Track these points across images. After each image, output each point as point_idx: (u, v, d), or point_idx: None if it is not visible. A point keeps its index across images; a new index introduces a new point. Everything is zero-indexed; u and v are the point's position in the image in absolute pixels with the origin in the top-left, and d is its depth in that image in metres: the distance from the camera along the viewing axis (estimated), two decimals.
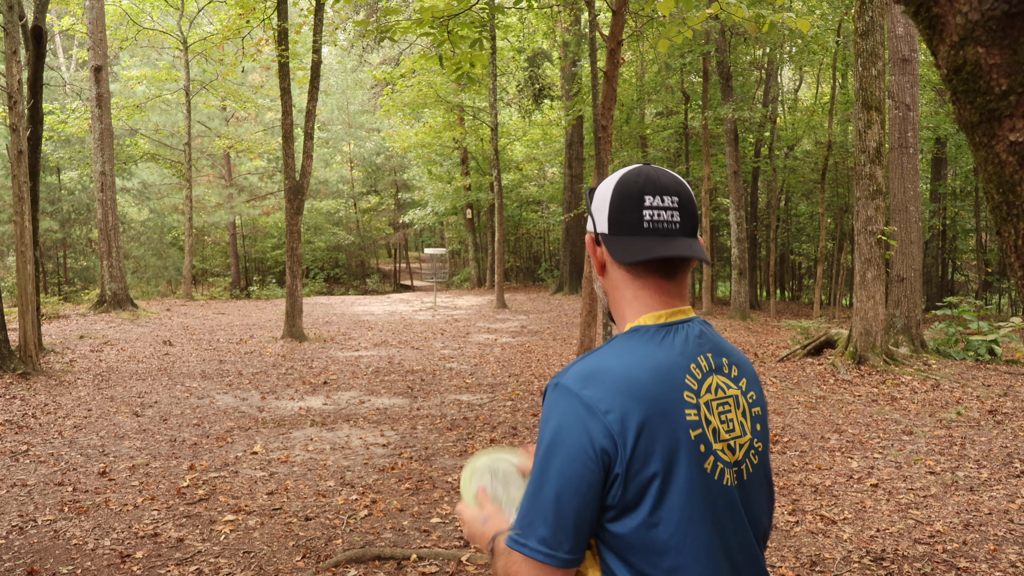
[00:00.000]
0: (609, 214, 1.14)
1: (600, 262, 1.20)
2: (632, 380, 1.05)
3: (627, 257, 1.11)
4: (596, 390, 1.04)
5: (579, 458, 1.02)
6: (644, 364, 1.07)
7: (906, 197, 10.41)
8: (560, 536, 1.02)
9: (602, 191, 1.18)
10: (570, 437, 1.03)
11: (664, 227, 1.12)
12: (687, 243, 1.12)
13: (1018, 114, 0.89)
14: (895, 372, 8.67)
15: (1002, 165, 0.94)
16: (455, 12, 7.22)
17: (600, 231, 1.16)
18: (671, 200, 1.12)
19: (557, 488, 1.02)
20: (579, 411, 1.03)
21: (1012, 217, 0.95)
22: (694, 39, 16.33)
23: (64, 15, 22.02)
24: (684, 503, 1.04)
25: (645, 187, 1.13)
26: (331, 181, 31.76)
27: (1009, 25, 0.86)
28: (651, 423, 1.03)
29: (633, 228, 1.12)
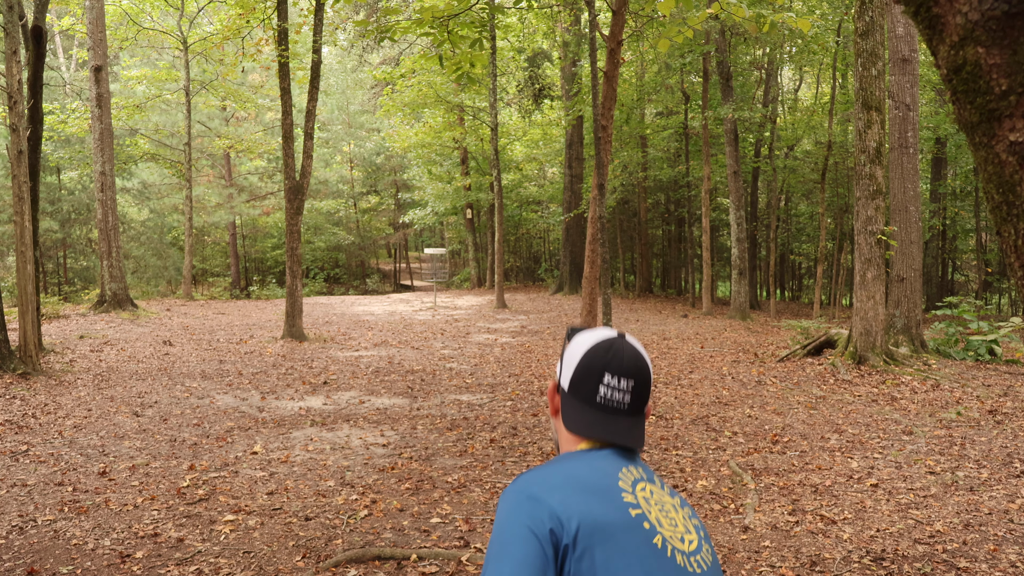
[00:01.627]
0: (572, 377, 1.27)
1: (555, 408, 1.32)
2: (572, 476, 1.17)
3: (572, 427, 1.24)
4: (541, 487, 1.14)
5: (530, 541, 1.09)
6: (580, 466, 1.19)
7: (906, 197, 10.41)
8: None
9: (576, 347, 1.30)
10: (520, 527, 1.11)
11: (614, 406, 1.24)
12: (629, 424, 1.24)
13: (1018, 114, 0.89)
14: (895, 372, 8.67)
15: (1002, 165, 0.94)
16: (455, 12, 7.22)
17: (562, 385, 1.29)
18: (627, 383, 1.24)
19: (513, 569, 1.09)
20: (526, 504, 1.12)
21: (1012, 217, 0.95)
22: (694, 39, 16.33)
23: (64, 15, 22.02)
24: (627, 565, 1.11)
25: (608, 365, 1.24)
26: (331, 181, 31.76)
27: (1009, 25, 0.86)
28: (593, 502, 1.13)
29: (587, 399, 1.25)
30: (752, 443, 6.04)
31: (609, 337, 1.28)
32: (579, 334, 1.32)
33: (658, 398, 7.88)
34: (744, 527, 4.18)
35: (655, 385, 8.61)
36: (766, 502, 4.60)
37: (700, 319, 16.97)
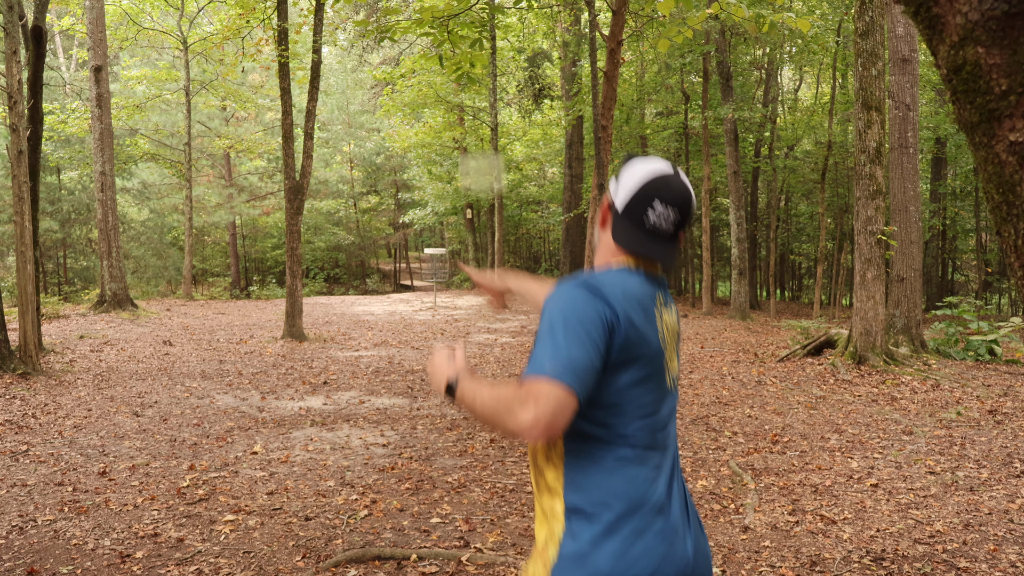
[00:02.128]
0: (628, 200, 1.45)
1: (604, 218, 1.53)
2: (629, 291, 1.39)
3: (621, 242, 1.45)
4: (606, 290, 1.36)
5: (594, 321, 1.32)
6: (635, 285, 1.41)
7: (906, 197, 10.41)
8: (579, 372, 1.27)
9: (634, 173, 1.47)
10: (583, 308, 1.32)
11: (659, 230, 1.44)
12: (668, 248, 1.45)
13: (1018, 114, 0.89)
14: (895, 372, 8.67)
15: (1002, 165, 0.94)
16: (455, 12, 7.22)
17: (616, 205, 1.48)
18: (674, 212, 1.43)
19: (579, 337, 1.30)
20: (592, 298, 1.33)
21: (1012, 217, 0.95)
22: (694, 39, 16.33)
23: (64, 15, 22.02)
24: (649, 380, 1.39)
25: (660, 194, 1.42)
26: (331, 181, 31.75)
27: (1009, 25, 0.86)
28: (637, 321, 1.37)
29: (637, 221, 1.44)
30: (752, 443, 6.04)
31: (664, 170, 1.45)
32: (636, 160, 1.49)
33: None
34: (744, 527, 4.18)
35: None
36: (766, 502, 4.60)
37: (700, 319, 16.97)
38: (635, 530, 1.33)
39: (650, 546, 1.33)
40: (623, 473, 1.36)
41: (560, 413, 1.23)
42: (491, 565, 3.68)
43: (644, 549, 1.32)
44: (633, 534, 1.33)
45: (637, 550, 1.32)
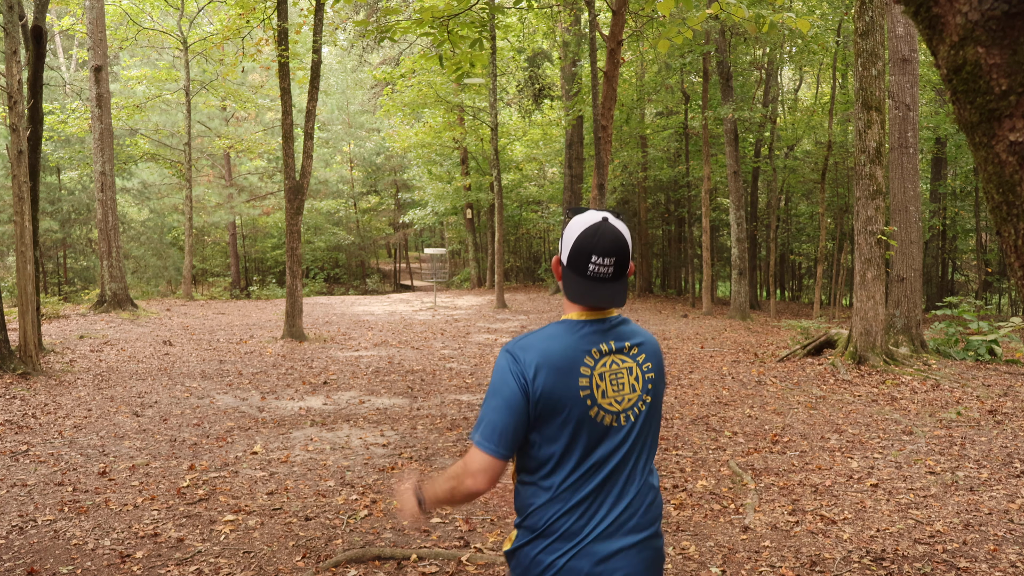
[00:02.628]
0: (568, 255, 1.68)
1: (558, 275, 1.76)
2: (547, 353, 1.64)
3: (569, 294, 1.69)
4: (526, 355, 1.64)
5: (510, 391, 1.63)
6: (559, 345, 1.66)
7: (906, 197, 10.41)
8: (497, 437, 1.64)
9: (571, 230, 1.69)
10: (505, 378, 1.64)
11: (600, 276, 1.66)
12: (612, 290, 1.67)
13: (1018, 114, 0.89)
14: (895, 372, 8.67)
15: (1002, 165, 0.93)
16: (455, 12, 7.22)
17: (563, 261, 1.71)
18: (609, 260, 1.65)
19: (497, 408, 1.64)
20: (512, 365, 1.64)
21: (1012, 217, 0.95)
22: (694, 39, 16.32)
23: (64, 15, 22.01)
24: (571, 425, 1.64)
25: (595, 249, 1.64)
26: (331, 181, 31.75)
27: (1009, 25, 0.86)
28: (552, 381, 1.62)
29: (580, 272, 1.67)
30: (752, 443, 6.04)
31: (595, 223, 1.66)
32: (575, 217, 1.70)
33: None
34: (744, 527, 4.18)
35: None
36: (766, 502, 4.60)
37: (700, 319, 16.97)
38: (544, 547, 1.68)
39: (553, 558, 1.66)
40: (541, 503, 1.70)
41: (490, 473, 1.65)
42: (491, 565, 3.68)
43: (543, 559, 1.67)
44: (542, 548, 1.68)
45: (542, 558, 1.67)
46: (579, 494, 1.67)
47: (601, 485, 1.68)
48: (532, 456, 1.68)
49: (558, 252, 1.75)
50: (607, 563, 1.66)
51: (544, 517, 1.68)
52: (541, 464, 1.68)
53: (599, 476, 1.68)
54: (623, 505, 1.69)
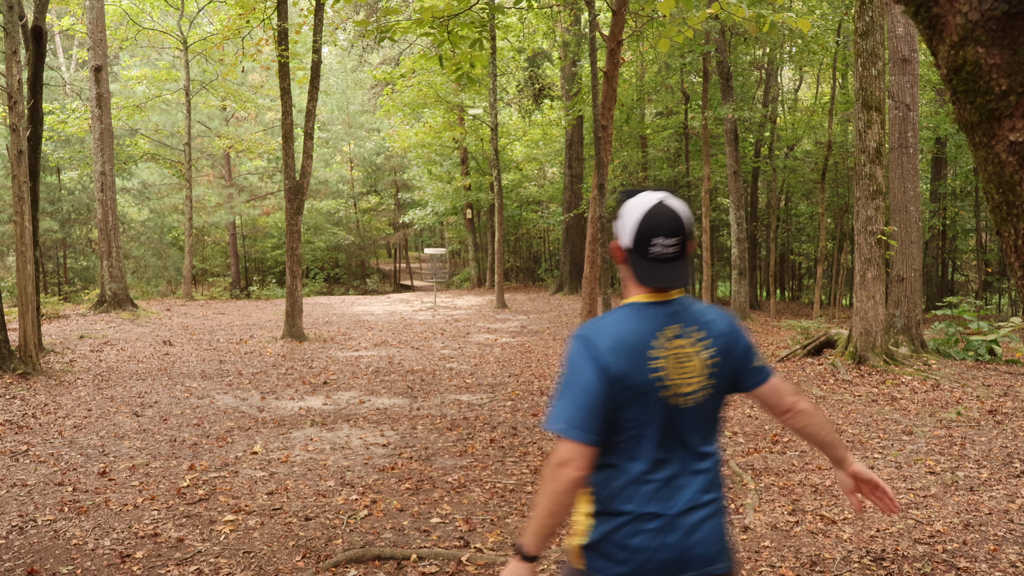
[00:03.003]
0: (632, 239, 1.70)
1: (619, 259, 1.78)
2: (619, 337, 1.67)
3: (641, 280, 1.71)
4: (598, 340, 1.67)
5: (590, 375, 1.64)
6: (628, 328, 1.69)
7: (906, 197, 10.41)
8: (588, 424, 1.63)
9: (629, 214, 1.72)
10: (581, 364, 1.66)
11: (665, 257, 1.68)
12: (676, 269, 1.69)
13: (1018, 114, 0.89)
14: (895, 372, 8.67)
15: (1002, 165, 0.93)
16: (455, 12, 7.22)
17: (624, 246, 1.73)
18: (673, 240, 1.67)
19: (581, 393, 1.64)
20: (586, 351, 1.66)
21: (1012, 217, 0.95)
22: (694, 39, 16.31)
23: (64, 15, 22.01)
24: (646, 408, 1.66)
25: (658, 231, 1.67)
26: (331, 181, 31.74)
27: (1009, 25, 0.86)
28: (626, 364, 1.65)
29: (644, 255, 1.69)
30: (752, 443, 6.04)
31: (655, 204, 1.68)
32: (630, 200, 1.73)
33: None
34: (744, 527, 4.18)
35: None
36: (766, 502, 4.60)
37: None
38: (635, 530, 1.67)
39: (638, 540, 1.66)
40: (622, 485, 1.70)
41: (585, 459, 1.63)
42: (491, 565, 3.68)
43: (632, 542, 1.66)
44: (633, 532, 1.67)
45: (633, 542, 1.67)
46: (661, 473, 1.69)
47: (679, 463, 1.71)
48: (610, 439, 1.69)
49: (615, 237, 1.77)
50: (694, 535, 1.69)
51: (629, 499, 1.68)
52: (619, 446, 1.69)
53: (676, 455, 1.71)
54: (700, 480, 1.73)
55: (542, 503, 1.65)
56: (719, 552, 1.74)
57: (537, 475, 5.20)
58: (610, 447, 1.69)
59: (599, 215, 7.70)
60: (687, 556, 1.69)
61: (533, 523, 1.67)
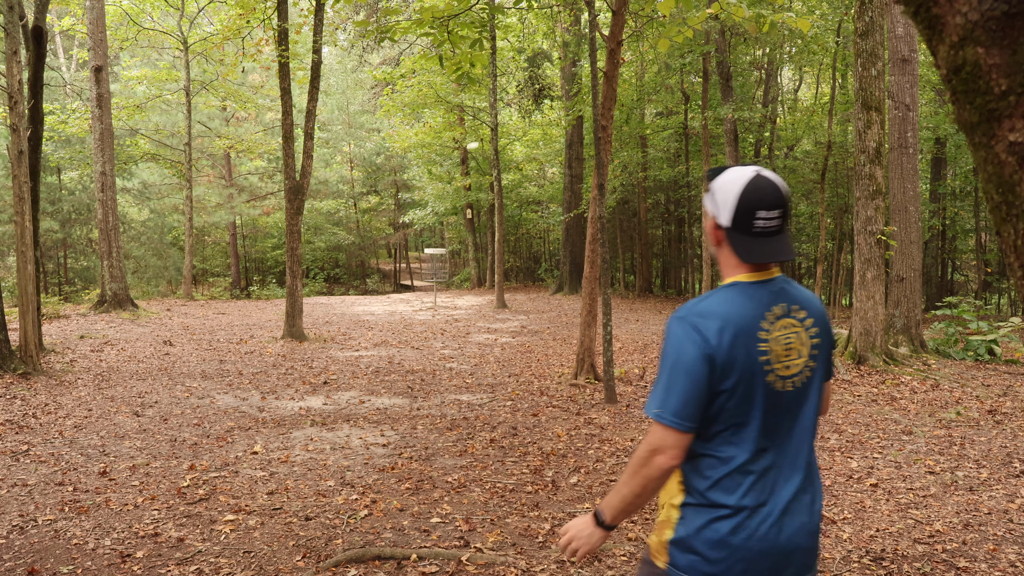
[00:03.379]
0: (732, 216, 1.63)
1: (717, 239, 1.70)
2: (727, 318, 1.58)
3: (743, 256, 1.62)
4: (706, 322, 1.58)
5: (695, 360, 1.56)
6: (736, 309, 1.60)
7: (906, 197, 10.41)
8: (687, 410, 1.56)
9: (726, 190, 1.64)
10: (687, 347, 1.57)
11: (769, 231, 1.62)
12: (780, 243, 1.63)
13: (1018, 114, 0.89)
14: (895, 372, 8.67)
15: (1002, 165, 0.94)
16: (455, 12, 7.22)
17: (723, 224, 1.66)
18: (776, 212, 1.61)
19: (683, 378, 1.57)
20: (693, 334, 1.57)
21: (1012, 217, 0.95)
22: (694, 39, 16.32)
23: (64, 15, 22.01)
24: (751, 394, 1.59)
25: (760, 203, 1.60)
26: (331, 181, 31.75)
27: (1008, 25, 0.86)
28: (734, 347, 1.57)
29: (747, 231, 1.62)
30: None
31: (752, 177, 1.62)
32: (723, 174, 1.67)
33: None
34: None
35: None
36: None
37: None
38: (735, 524, 1.60)
39: (736, 535, 1.59)
40: (722, 476, 1.63)
41: (682, 447, 1.57)
42: (491, 565, 3.68)
43: (730, 537, 1.59)
44: (733, 526, 1.60)
45: (732, 538, 1.59)
46: (761, 463, 1.61)
47: (780, 452, 1.64)
48: (710, 426, 1.61)
49: (710, 217, 1.70)
50: (794, 533, 1.62)
51: (729, 491, 1.60)
52: (719, 434, 1.61)
53: (778, 444, 1.64)
54: (800, 472, 1.66)
55: (630, 483, 1.59)
56: (813, 551, 1.67)
57: (537, 475, 5.20)
58: (710, 435, 1.61)
59: (599, 215, 7.70)
60: (787, 556, 1.61)
61: (616, 497, 1.62)
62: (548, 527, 4.20)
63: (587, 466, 5.42)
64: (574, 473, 5.26)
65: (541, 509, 4.51)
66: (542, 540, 4.02)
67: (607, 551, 3.85)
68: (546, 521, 4.30)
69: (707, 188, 1.71)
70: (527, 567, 3.65)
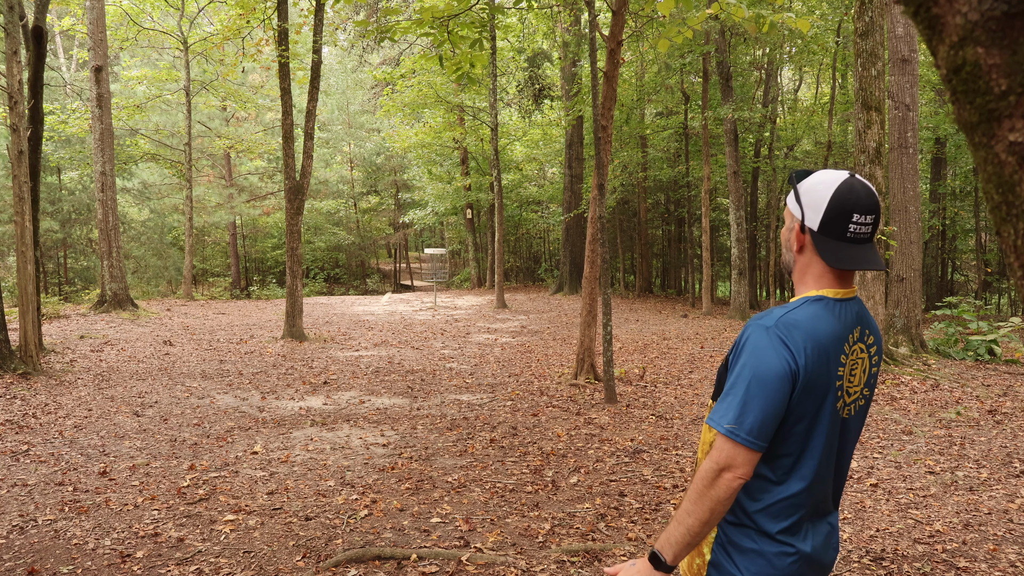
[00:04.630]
0: (823, 218, 1.51)
1: (800, 244, 1.58)
2: (816, 334, 1.48)
3: (834, 262, 1.51)
4: (794, 336, 1.47)
5: (780, 376, 1.45)
6: (825, 328, 1.49)
7: (906, 197, 10.41)
8: (763, 429, 1.45)
9: (816, 191, 1.53)
10: (772, 361, 1.45)
11: (861, 238, 1.51)
12: (872, 251, 1.53)
13: (1018, 114, 0.89)
14: (895, 372, 8.67)
15: (1001, 165, 0.94)
16: (455, 12, 7.22)
17: (810, 226, 1.54)
18: (871, 218, 1.50)
19: (763, 395, 1.45)
20: (781, 348, 1.46)
21: (1011, 217, 0.95)
22: (694, 39, 16.33)
23: (64, 15, 22.01)
24: (820, 419, 1.50)
25: (856, 206, 1.49)
26: (331, 181, 31.75)
27: (1009, 25, 0.86)
28: (818, 367, 1.47)
29: (839, 235, 1.51)
30: None
31: (846, 179, 1.52)
32: (811, 176, 1.56)
33: (658, 398, 7.88)
34: None
35: (655, 385, 8.62)
36: None
37: (700, 319, 16.97)
38: (776, 552, 1.54)
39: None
40: (774, 502, 1.55)
41: (752, 466, 1.46)
42: (491, 565, 3.68)
43: (774, 566, 1.53)
44: (774, 554, 1.54)
45: (768, 566, 1.53)
46: (816, 492, 1.54)
47: (832, 481, 1.58)
48: (773, 447, 1.51)
49: (794, 219, 1.59)
50: (823, 568, 1.58)
51: (778, 518, 1.52)
52: (781, 457, 1.51)
53: (830, 471, 1.57)
54: (837, 500, 1.64)
55: (696, 510, 1.46)
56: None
57: (537, 475, 5.20)
58: (771, 455, 1.52)
59: (599, 215, 7.70)
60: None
61: (678, 530, 1.47)
62: (548, 527, 4.20)
63: (587, 466, 5.42)
64: (574, 473, 5.26)
65: (541, 509, 4.51)
66: (542, 540, 4.02)
67: (607, 551, 3.85)
68: (546, 521, 4.30)
69: (791, 189, 1.61)
70: (527, 567, 3.65)
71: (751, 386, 1.45)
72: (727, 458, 1.44)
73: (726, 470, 1.44)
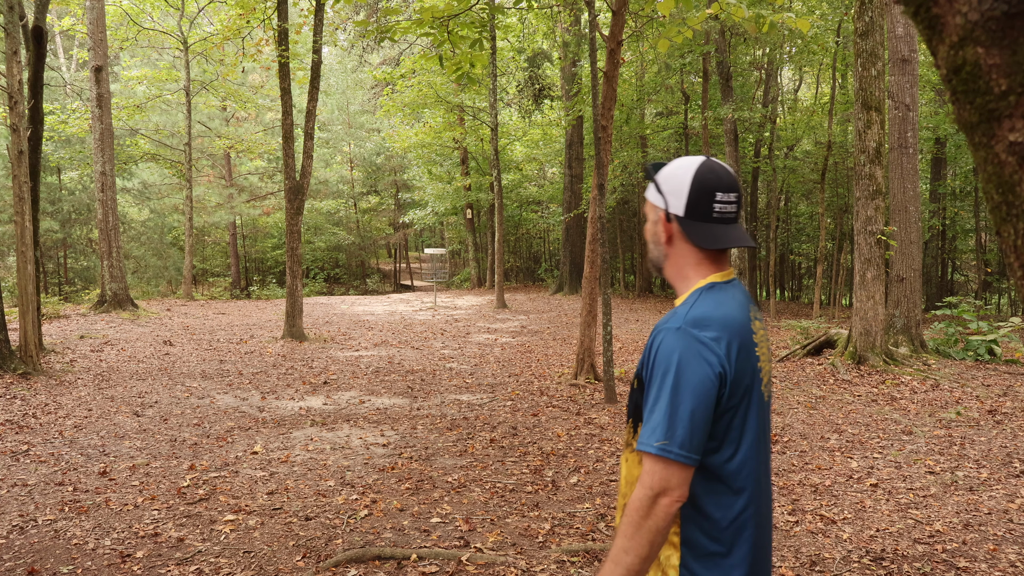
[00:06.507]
0: (687, 201, 1.47)
1: (668, 234, 1.52)
2: (727, 326, 1.40)
3: (705, 243, 1.45)
4: (710, 332, 1.38)
5: (705, 380, 1.35)
6: (733, 314, 1.42)
7: (906, 197, 10.41)
8: (695, 441, 1.34)
9: (676, 177, 1.49)
10: (694, 366, 1.35)
11: (727, 217, 1.47)
12: (740, 231, 1.48)
13: (1018, 114, 0.89)
14: (895, 372, 8.67)
15: (1001, 165, 0.94)
16: (455, 12, 7.22)
17: (676, 213, 1.49)
18: (733, 195, 1.47)
19: (692, 404, 1.34)
20: (699, 348, 1.36)
21: (1011, 217, 0.95)
22: (694, 39, 16.33)
23: (64, 15, 22.01)
24: (751, 409, 1.43)
25: (718, 185, 1.45)
26: (331, 181, 31.75)
27: (1008, 25, 0.86)
28: (741, 359, 1.40)
29: (705, 217, 1.46)
30: None
31: (705, 160, 1.48)
32: (669, 165, 1.52)
33: None
34: None
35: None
36: None
37: None
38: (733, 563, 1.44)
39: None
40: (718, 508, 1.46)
41: (682, 488, 1.34)
42: (491, 565, 3.68)
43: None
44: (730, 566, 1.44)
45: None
46: (751, 487, 1.43)
47: (765, 471, 1.49)
48: (707, 458, 1.42)
49: (658, 211, 1.52)
50: (767, 567, 1.49)
51: (740, 537, 1.42)
52: (720, 466, 1.41)
53: (763, 461, 1.47)
54: (770, 487, 1.52)
55: (633, 546, 1.32)
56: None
57: (537, 475, 5.20)
58: (710, 467, 1.40)
59: (599, 215, 7.70)
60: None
61: (615, 572, 1.34)
62: (548, 527, 4.20)
63: (587, 466, 5.42)
64: (574, 473, 5.26)
65: (541, 509, 4.51)
66: (542, 540, 4.02)
67: (607, 551, 3.85)
68: (546, 521, 4.30)
69: (649, 182, 1.55)
70: (527, 567, 3.65)
71: (674, 396, 1.33)
72: (661, 481, 1.31)
73: (662, 495, 1.31)
